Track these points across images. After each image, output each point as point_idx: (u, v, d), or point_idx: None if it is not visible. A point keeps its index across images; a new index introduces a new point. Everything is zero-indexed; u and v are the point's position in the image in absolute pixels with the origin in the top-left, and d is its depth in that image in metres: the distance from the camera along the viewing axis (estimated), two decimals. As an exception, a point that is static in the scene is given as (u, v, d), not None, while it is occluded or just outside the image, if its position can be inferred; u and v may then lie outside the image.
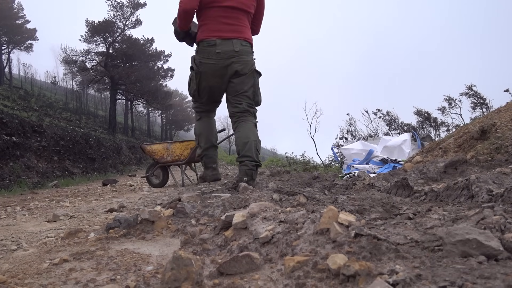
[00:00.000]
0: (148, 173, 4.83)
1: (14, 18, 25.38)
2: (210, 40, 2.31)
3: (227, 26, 2.32)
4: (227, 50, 2.30)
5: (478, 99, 10.74)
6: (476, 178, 1.61)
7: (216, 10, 2.29)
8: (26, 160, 7.49)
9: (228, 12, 2.31)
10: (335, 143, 11.14)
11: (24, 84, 27.57)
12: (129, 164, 13.24)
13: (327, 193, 2.57)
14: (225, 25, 2.32)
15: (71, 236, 1.77)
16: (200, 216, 1.91)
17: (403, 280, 0.71)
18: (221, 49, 2.29)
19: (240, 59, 2.33)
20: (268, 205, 1.61)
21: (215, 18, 2.31)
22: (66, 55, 22.93)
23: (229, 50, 2.30)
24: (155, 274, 1.11)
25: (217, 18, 2.30)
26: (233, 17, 2.33)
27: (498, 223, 0.95)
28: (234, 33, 2.33)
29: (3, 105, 12.72)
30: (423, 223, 1.18)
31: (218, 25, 2.31)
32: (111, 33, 22.12)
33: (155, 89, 23.95)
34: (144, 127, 35.54)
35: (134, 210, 2.58)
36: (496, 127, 3.29)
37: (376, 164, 5.38)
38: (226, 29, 2.32)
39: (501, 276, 0.69)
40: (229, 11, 2.31)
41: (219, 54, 2.30)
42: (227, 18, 2.32)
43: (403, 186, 2.15)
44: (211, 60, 2.32)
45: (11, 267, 1.32)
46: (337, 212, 1.11)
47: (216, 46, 2.30)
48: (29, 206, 3.47)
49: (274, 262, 1.08)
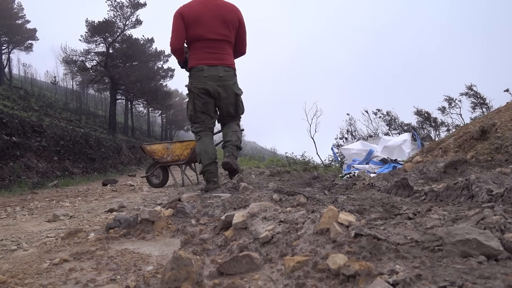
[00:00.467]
0: (148, 173, 4.83)
1: (14, 18, 25.38)
2: (199, 66, 2.79)
3: (212, 55, 2.79)
4: (213, 75, 2.77)
5: (478, 99, 10.74)
6: (476, 178, 1.61)
7: (202, 42, 2.78)
8: (26, 160, 7.49)
9: (212, 43, 2.79)
10: (335, 143, 11.14)
11: (24, 84, 27.57)
12: (129, 164, 13.25)
13: (327, 193, 2.57)
14: (210, 54, 2.79)
15: (71, 236, 1.77)
16: (200, 216, 1.91)
17: (403, 280, 0.71)
18: (208, 73, 2.77)
19: (224, 84, 2.80)
20: (268, 205, 1.61)
21: (202, 49, 2.80)
22: (66, 55, 22.94)
23: (215, 75, 2.78)
24: (155, 274, 1.11)
25: (203, 49, 2.79)
26: (216, 47, 2.80)
27: (498, 223, 0.95)
28: (218, 61, 2.80)
29: (3, 105, 12.72)
30: (423, 223, 1.18)
31: (205, 55, 2.79)
32: (111, 33, 22.12)
33: (155, 89, 23.94)
34: (144, 127, 35.55)
35: (134, 210, 2.58)
36: (496, 127, 3.29)
37: (376, 164, 5.38)
38: (211, 57, 2.79)
39: (501, 276, 0.69)
40: (212, 43, 2.79)
41: (206, 78, 2.77)
42: (211, 49, 2.80)
43: (403, 186, 2.14)
44: (200, 82, 2.80)
45: (11, 267, 1.32)
46: (337, 212, 1.11)
47: (204, 71, 2.77)
48: (29, 206, 3.47)
49: (274, 262, 1.07)
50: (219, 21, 2.76)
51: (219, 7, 2.79)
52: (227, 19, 2.79)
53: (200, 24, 2.74)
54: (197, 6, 2.76)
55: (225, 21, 2.79)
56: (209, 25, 2.75)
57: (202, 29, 2.75)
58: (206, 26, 2.75)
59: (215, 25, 2.76)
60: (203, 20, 2.74)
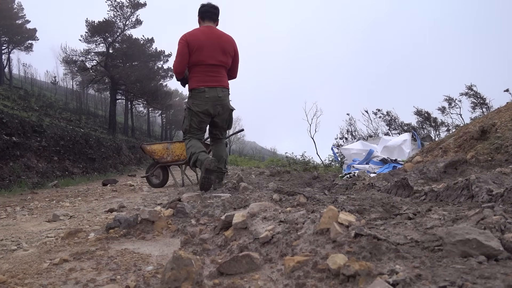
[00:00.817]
0: (148, 173, 4.83)
1: (14, 18, 25.36)
2: (200, 88, 3.18)
3: (212, 78, 3.20)
4: (213, 95, 3.18)
5: (478, 99, 10.74)
6: (476, 178, 1.61)
7: (203, 67, 3.18)
8: (26, 160, 7.49)
9: (211, 68, 3.20)
10: (335, 143, 11.14)
11: (24, 84, 27.56)
12: (129, 164, 13.24)
13: (327, 193, 2.57)
14: (210, 77, 3.19)
15: (71, 236, 1.77)
16: (200, 216, 1.91)
17: (403, 280, 0.71)
18: (209, 94, 3.17)
19: (222, 102, 3.23)
20: (268, 205, 1.61)
21: (203, 72, 3.19)
22: (66, 55, 22.91)
23: (215, 95, 3.18)
24: (155, 274, 1.11)
25: (204, 72, 3.19)
26: (214, 71, 3.21)
27: (498, 223, 0.95)
28: (217, 83, 3.21)
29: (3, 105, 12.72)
30: (423, 223, 1.18)
31: (205, 77, 3.18)
32: (111, 33, 22.09)
33: (155, 89, 23.92)
34: (144, 127, 35.53)
35: (134, 210, 2.58)
36: (496, 127, 3.29)
37: (376, 164, 5.38)
38: (211, 80, 3.19)
39: (501, 276, 0.69)
40: (212, 67, 3.20)
41: (208, 98, 3.17)
42: (211, 72, 3.20)
43: (403, 186, 2.14)
44: (202, 102, 3.19)
45: (11, 267, 1.32)
46: (337, 212, 1.11)
47: (205, 93, 3.17)
48: (29, 206, 3.47)
49: (274, 262, 1.07)
50: (218, 49, 3.19)
51: (219, 37, 3.22)
52: (225, 48, 3.23)
53: (202, 51, 3.14)
54: (200, 35, 3.17)
55: (223, 50, 3.22)
56: (210, 52, 3.16)
57: (204, 55, 3.15)
58: (207, 53, 3.15)
59: (215, 53, 3.18)
60: (205, 47, 3.15)
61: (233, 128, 4.35)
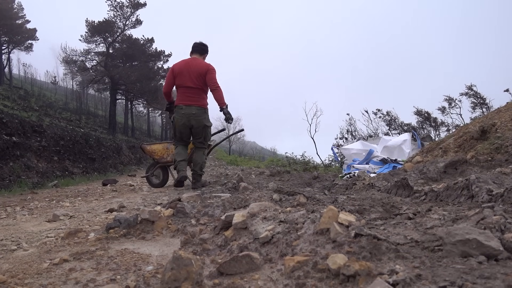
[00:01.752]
0: (148, 173, 4.83)
1: (14, 18, 25.35)
2: (179, 105, 4.02)
3: (188, 98, 4.02)
4: (188, 112, 3.98)
5: (478, 99, 10.75)
6: (476, 178, 1.61)
7: (182, 89, 4.05)
8: (26, 160, 7.49)
9: (189, 89, 4.02)
10: (335, 143, 11.15)
11: (24, 84, 27.55)
12: (129, 164, 13.24)
13: (327, 193, 2.57)
14: (187, 97, 4.02)
15: (71, 236, 1.77)
16: (200, 216, 1.91)
17: (403, 280, 0.71)
18: (184, 111, 3.97)
19: (196, 118, 4.00)
20: (268, 205, 1.61)
21: (182, 93, 4.05)
22: (66, 55, 22.90)
23: (190, 112, 3.98)
24: (155, 274, 1.11)
25: (183, 93, 4.04)
26: (191, 92, 4.02)
27: (498, 223, 0.95)
28: (192, 102, 4.01)
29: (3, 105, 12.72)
30: (423, 223, 1.18)
31: (183, 97, 4.03)
32: (111, 33, 22.08)
33: (155, 89, 23.91)
34: (144, 127, 35.50)
35: (134, 210, 2.58)
36: (496, 127, 3.29)
37: (376, 164, 5.38)
38: (187, 99, 4.02)
39: (501, 276, 0.69)
40: (189, 89, 4.02)
41: (184, 114, 3.98)
42: (188, 93, 4.02)
43: (403, 186, 2.15)
44: (179, 117, 4.02)
45: (11, 267, 1.32)
46: (337, 212, 1.11)
47: (182, 109, 3.98)
48: (29, 206, 3.47)
49: (274, 262, 1.07)
50: (194, 75, 4.00)
51: (196, 65, 4.04)
52: (200, 73, 4.02)
53: (182, 76, 4.02)
54: (182, 64, 4.09)
55: (199, 75, 4.01)
56: (188, 77, 4.00)
57: (183, 79, 4.01)
58: (185, 78, 4.01)
59: (192, 77, 4.00)
60: (184, 73, 4.01)
61: (233, 128, 4.89)
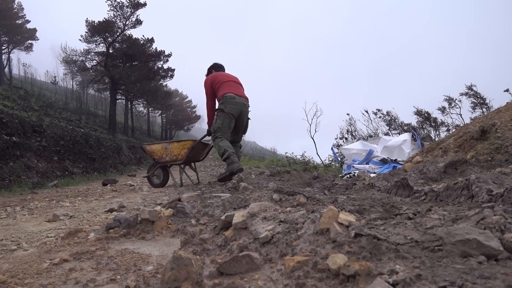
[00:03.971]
0: (149, 173, 4.84)
1: (14, 18, 25.36)
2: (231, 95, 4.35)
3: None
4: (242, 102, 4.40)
5: (478, 99, 10.74)
6: (476, 178, 1.61)
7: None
8: (26, 160, 7.49)
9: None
10: (335, 143, 11.15)
11: (24, 84, 27.55)
12: (129, 164, 13.23)
13: (327, 193, 2.57)
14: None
15: (71, 236, 1.77)
16: (200, 216, 1.91)
17: (403, 280, 0.71)
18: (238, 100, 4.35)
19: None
20: (268, 205, 1.61)
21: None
22: (66, 55, 22.93)
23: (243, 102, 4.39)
24: (155, 274, 1.11)
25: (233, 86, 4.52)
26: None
27: (498, 223, 0.95)
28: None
29: (3, 105, 12.71)
30: (423, 223, 1.18)
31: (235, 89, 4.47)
32: (111, 33, 22.07)
33: (155, 89, 23.91)
34: (144, 127, 35.50)
35: (134, 210, 2.58)
36: (496, 127, 3.29)
37: (376, 164, 5.38)
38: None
39: (501, 276, 0.69)
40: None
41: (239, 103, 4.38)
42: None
43: (403, 186, 2.14)
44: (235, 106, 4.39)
45: (11, 267, 1.32)
46: (337, 212, 1.11)
47: (235, 99, 4.32)
48: (29, 206, 3.47)
49: (274, 262, 1.07)
50: None
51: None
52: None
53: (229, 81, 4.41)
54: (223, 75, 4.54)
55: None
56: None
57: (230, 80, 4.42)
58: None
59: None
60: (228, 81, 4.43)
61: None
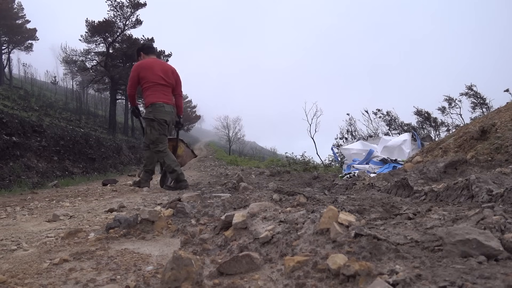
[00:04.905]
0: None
1: (14, 18, 25.37)
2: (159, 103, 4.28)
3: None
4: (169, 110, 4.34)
5: (478, 99, 10.75)
6: (476, 178, 1.61)
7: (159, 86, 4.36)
8: (26, 160, 7.49)
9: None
10: (335, 143, 11.16)
11: (24, 84, 27.56)
12: (129, 164, 13.24)
13: (327, 193, 2.57)
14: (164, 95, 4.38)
15: (71, 236, 1.77)
16: (200, 216, 1.91)
17: (403, 280, 0.71)
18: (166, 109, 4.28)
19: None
20: (268, 205, 1.61)
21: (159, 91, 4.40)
22: (66, 55, 22.94)
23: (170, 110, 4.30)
24: (155, 274, 1.11)
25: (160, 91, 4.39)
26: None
27: (498, 223, 0.95)
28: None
29: (3, 105, 12.72)
30: (423, 223, 1.18)
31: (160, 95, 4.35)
32: (111, 33, 22.08)
33: (155, 89, 23.89)
34: (144, 127, 35.44)
35: (134, 210, 2.58)
36: (496, 127, 3.29)
37: (376, 164, 5.39)
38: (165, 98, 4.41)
39: (501, 276, 0.69)
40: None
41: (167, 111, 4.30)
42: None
43: (403, 186, 2.15)
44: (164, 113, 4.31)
45: (11, 267, 1.32)
46: (337, 212, 1.11)
47: (164, 107, 4.28)
48: (29, 206, 3.47)
49: (274, 262, 1.07)
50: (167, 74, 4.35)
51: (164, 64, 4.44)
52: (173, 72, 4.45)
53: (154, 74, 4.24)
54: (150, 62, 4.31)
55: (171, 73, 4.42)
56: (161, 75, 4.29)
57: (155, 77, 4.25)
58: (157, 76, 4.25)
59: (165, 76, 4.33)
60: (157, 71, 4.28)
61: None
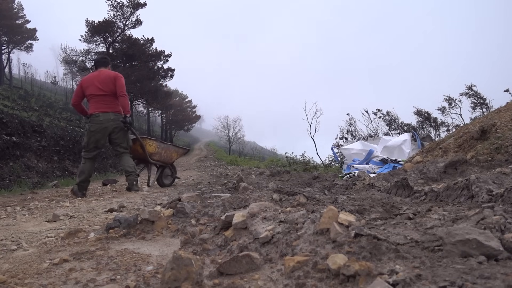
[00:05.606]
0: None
1: (14, 18, 25.38)
2: (95, 113, 4.25)
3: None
4: (106, 118, 4.21)
5: (478, 99, 10.75)
6: (476, 178, 1.61)
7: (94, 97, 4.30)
8: (26, 160, 7.48)
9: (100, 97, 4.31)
10: (335, 143, 11.15)
11: (24, 84, 27.58)
12: (129, 164, 13.22)
13: (327, 193, 2.58)
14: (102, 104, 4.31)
15: (71, 236, 1.77)
16: (200, 216, 1.91)
17: (403, 280, 0.71)
18: (102, 118, 4.18)
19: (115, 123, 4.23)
20: (268, 205, 1.61)
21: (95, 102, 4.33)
22: (66, 55, 22.95)
23: (108, 118, 4.20)
24: (155, 274, 1.11)
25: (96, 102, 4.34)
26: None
27: (498, 223, 0.95)
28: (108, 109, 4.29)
29: (3, 105, 12.72)
30: (423, 223, 1.18)
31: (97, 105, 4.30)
32: (111, 33, 22.10)
33: (155, 89, 23.92)
34: (144, 127, 35.51)
35: (134, 210, 2.58)
36: (496, 127, 3.29)
37: (376, 164, 5.39)
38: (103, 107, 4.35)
39: (501, 276, 0.69)
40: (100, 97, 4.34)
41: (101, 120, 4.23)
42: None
43: (403, 186, 2.14)
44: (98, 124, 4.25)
45: (11, 267, 1.32)
46: (337, 212, 1.11)
47: (99, 116, 4.16)
48: (29, 206, 3.47)
49: (274, 262, 1.07)
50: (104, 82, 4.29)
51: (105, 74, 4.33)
52: (110, 80, 4.33)
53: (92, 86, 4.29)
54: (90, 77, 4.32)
55: (109, 81, 4.30)
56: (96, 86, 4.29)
57: (93, 89, 4.29)
58: (94, 87, 4.27)
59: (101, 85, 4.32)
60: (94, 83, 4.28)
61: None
